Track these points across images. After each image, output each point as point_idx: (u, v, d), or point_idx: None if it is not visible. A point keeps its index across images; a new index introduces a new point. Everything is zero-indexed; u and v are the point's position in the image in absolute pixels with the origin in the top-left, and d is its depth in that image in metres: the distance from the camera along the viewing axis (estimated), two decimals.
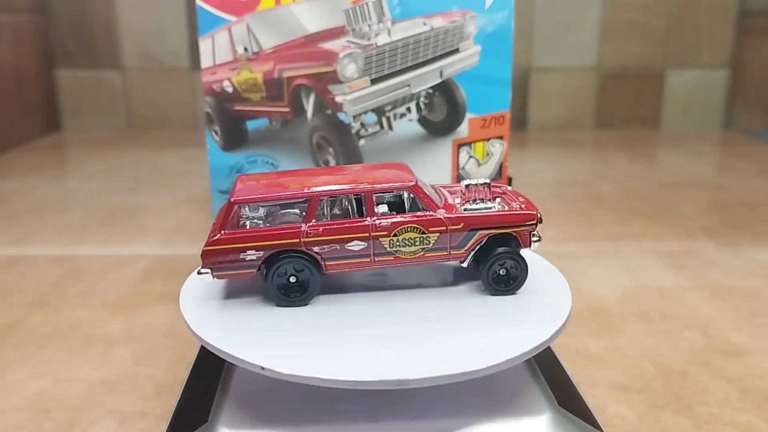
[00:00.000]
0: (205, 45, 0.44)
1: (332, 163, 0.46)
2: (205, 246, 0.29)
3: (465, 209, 0.30)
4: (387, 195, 0.31)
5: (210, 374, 0.31)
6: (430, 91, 0.46)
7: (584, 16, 1.12)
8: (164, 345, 0.41)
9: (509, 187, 0.34)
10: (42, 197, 0.74)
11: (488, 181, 0.31)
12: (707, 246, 0.59)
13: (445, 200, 0.31)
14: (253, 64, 0.44)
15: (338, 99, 0.44)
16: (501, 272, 0.30)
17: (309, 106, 0.45)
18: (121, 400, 0.36)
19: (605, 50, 1.13)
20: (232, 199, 0.29)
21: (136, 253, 0.57)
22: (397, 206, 0.31)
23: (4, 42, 0.98)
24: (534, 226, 0.30)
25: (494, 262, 0.30)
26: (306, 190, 0.29)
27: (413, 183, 0.30)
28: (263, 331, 0.27)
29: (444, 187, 0.34)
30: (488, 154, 0.47)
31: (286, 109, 0.45)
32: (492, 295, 0.30)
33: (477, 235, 0.30)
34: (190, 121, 1.14)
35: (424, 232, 0.29)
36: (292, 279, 0.29)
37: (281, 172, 0.33)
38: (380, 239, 0.29)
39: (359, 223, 0.29)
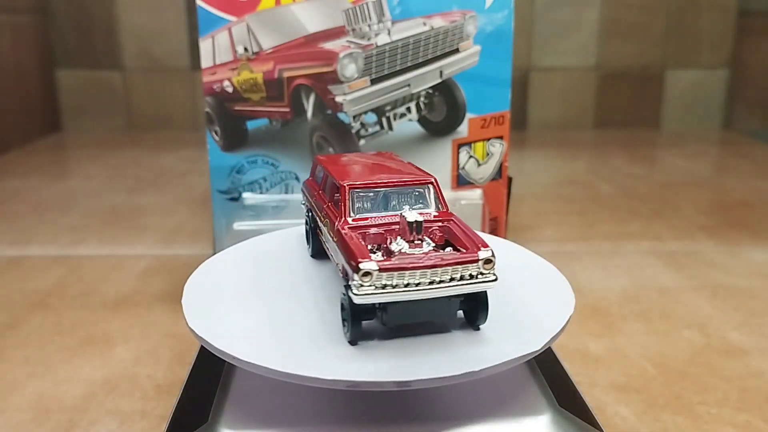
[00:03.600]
0: (205, 45, 0.44)
1: None
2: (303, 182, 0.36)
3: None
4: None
5: (210, 374, 0.31)
6: (430, 91, 0.46)
7: (584, 17, 1.12)
8: (164, 345, 0.41)
9: (494, 243, 0.26)
10: (42, 197, 0.74)
11: (419, 219, 0.25)
12: (706, 246, 0.59)
13: (379, 216, 0.28)
14: (253, 64, 0.44)
15: (338, 99, 0.44)
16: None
17: (309, 106, 0.45)
18: (121, 400, 0.36)
19: (605, 50, 1.13)
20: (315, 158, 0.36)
21: (136, 253, 0.57)
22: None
23: (5, 42, 0.98)
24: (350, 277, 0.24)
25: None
26: (324, 166, 0.33)
27: (344, 184, 0.28)
28: (263, 332, 0.27)
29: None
30: (488, 154, 0.47)
31: (286, 109, 0.45)
32: None
33: None
34: (190, 121, 1.14)
35: (330, 233, 0.28)
36: None
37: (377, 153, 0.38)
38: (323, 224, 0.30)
39: (322, 202, 0.31)
